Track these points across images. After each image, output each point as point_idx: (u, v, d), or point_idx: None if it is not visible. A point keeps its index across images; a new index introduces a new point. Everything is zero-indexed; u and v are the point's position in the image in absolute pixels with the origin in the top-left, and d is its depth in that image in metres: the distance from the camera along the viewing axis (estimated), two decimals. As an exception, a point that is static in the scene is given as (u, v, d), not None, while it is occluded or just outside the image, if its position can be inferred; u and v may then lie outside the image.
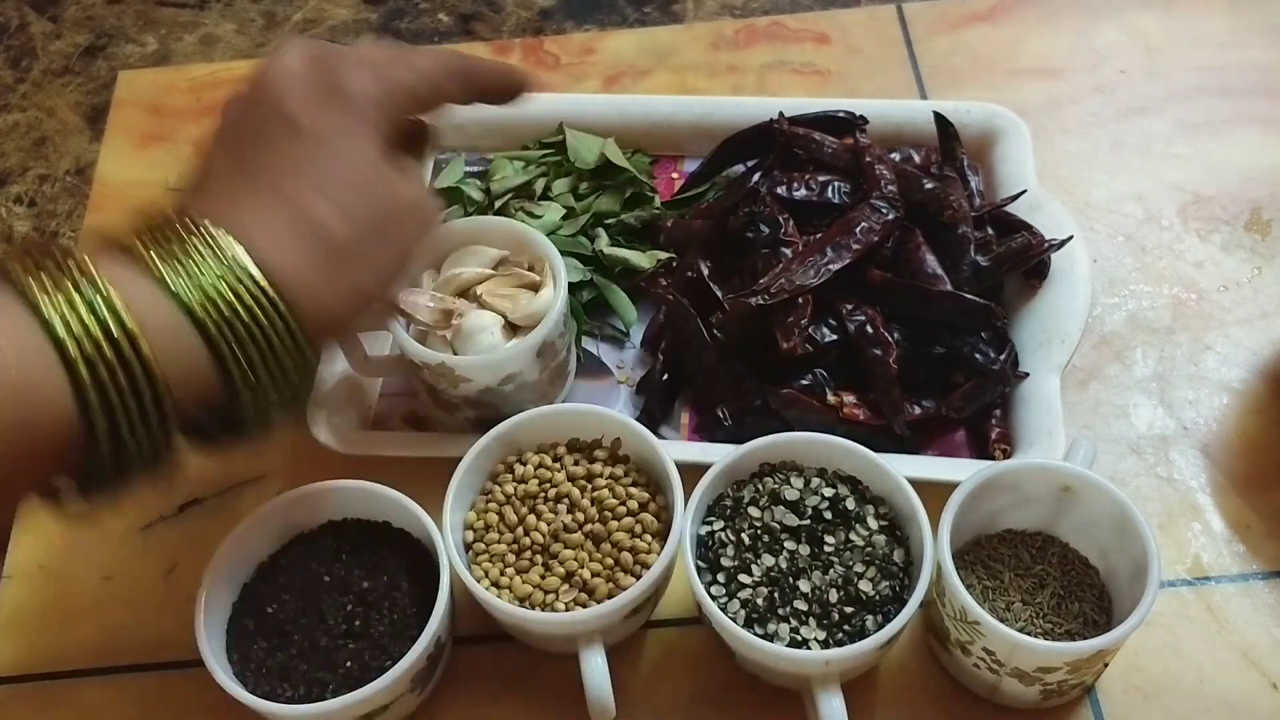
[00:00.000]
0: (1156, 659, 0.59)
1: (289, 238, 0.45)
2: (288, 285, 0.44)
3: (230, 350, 0.43)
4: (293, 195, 0.46)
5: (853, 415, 0.62)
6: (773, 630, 0.53)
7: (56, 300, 0.40)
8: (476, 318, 0.61)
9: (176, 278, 0.43)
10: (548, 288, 0.62)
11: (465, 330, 0.61)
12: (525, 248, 0.64)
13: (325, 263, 0.46)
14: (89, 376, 0.40)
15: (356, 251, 0.47)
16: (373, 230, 0.48)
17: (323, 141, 0.48)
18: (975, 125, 0.74)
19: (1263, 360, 0.69)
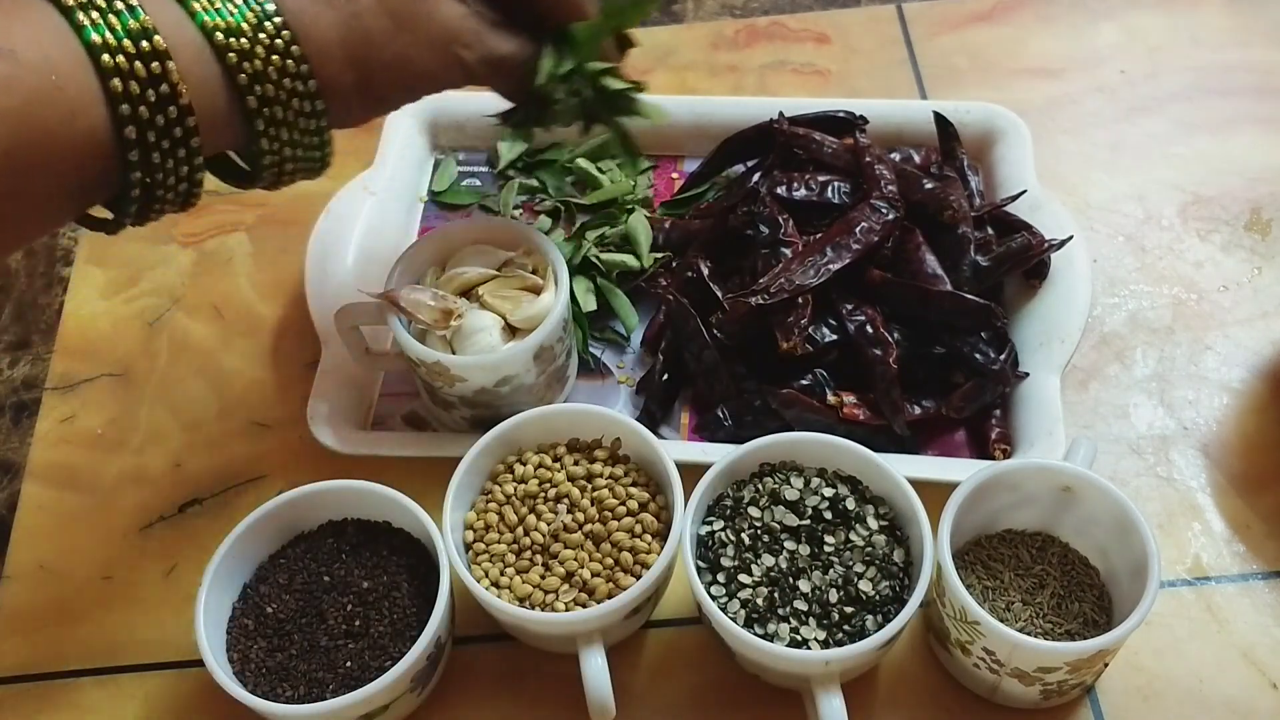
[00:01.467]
0: (1156, 659, 0.59)
1: (331, 15, 0.48)
2: (307, 40, 0.47)
3: (249, 85, 0.46)
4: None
5: (853, 415, 0.62)
6: (773, 630, 0.53)
7: (90, 12, 0.43)
8: (476, 318, 0.61)
9: (200, 4, 0.45)
10: (549, 291, 0.62)
11: (464, 330, 0.61)
12: (530, 251, 0.64)
13: (346, 35, 0.48)
14: (121, 88, 0.42)
15: (378, 43, 0.49)
16: (399, 31, 0.50)
17: None
18: (975, 125, 0.74)
19: (1263, 360, 0.69)
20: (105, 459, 0.68)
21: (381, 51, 0.50)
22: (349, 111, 0.51)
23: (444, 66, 0.52)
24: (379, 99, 0.52)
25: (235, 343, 0.73)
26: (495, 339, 0.61)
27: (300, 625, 0.56)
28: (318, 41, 0.48)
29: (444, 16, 0.52)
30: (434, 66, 0.52)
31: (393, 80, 0.51)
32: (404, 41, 0.50)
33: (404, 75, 0.51)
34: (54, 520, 0.66)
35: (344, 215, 0.73)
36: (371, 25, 0.49)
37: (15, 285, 0.77)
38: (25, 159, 0.41)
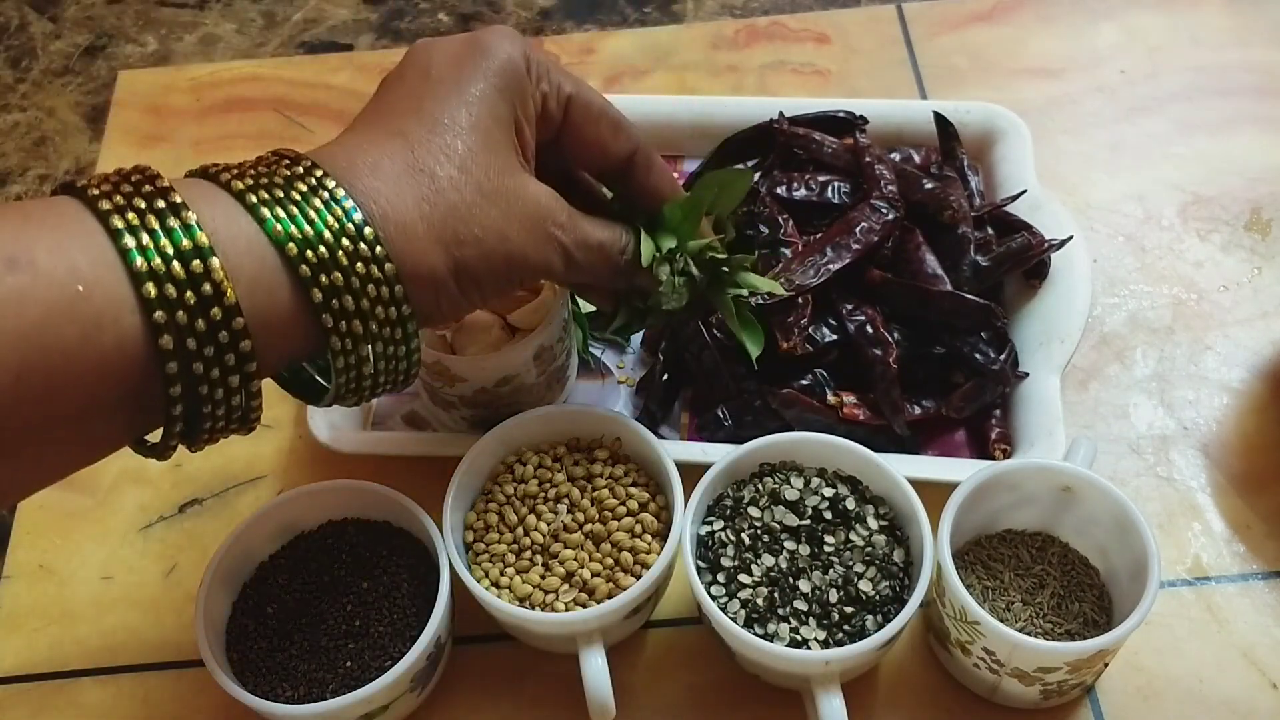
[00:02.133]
0: (1156, 659, 0.59)
1: (397, 180, 0.43)
2: (384, 222, 0.42)
3: (325, 301, 0.41)
4: (412, 140, 0.44)
5: (853, 415, 0.62)
6: (773, 630, 0.53)
7: (140, 235, 0.38)
8: (476, 318, 0.61)
9: (269, 209, 0.40)
10: (548, 291, 0.62)
11: (464, 330, 0.61)
12: None
13: (430, 213, 0.43)
14: (156, 293, 0.37)
15: (467, 218, 0.45)
16: (489, 206, 0.45)
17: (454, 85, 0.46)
18: (975, 125, 0.74)
19: (1263, 360, 0.69)
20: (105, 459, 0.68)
21: (471, 227, 0.44)
22: (440, 299, 0.45)
23: (540, 246, 0.47)
24: (475, 284, 0.45)
25: (235, 343, 0.72)
26: (494, 339, 0.61)
27: (300, 625, 0.56)
28: (396, 222, 0.42)
29: (534, 193, 0.47)
30: (529, 246, 0.47)
31: (488, 261, 0.45)
32: (494, 216, 0.45)
33: (501, 255, 0.46)
34: (54, 520, 0.66)
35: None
36: (457, 201, 0.44)
37: (15, 285, 0.77)
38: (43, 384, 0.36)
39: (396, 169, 0.43)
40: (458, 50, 0.48)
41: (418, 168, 0.44)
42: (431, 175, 0.44)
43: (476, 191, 0.45)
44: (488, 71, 0.47)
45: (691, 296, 0.54)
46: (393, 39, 0.89)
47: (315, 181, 0.42)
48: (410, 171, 0.44)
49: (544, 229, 0.47)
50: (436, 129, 0.45)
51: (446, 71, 0.47)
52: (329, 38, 0.89)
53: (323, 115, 0.83)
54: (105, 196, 0.38)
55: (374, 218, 0.42)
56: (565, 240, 0.48)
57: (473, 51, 0.47)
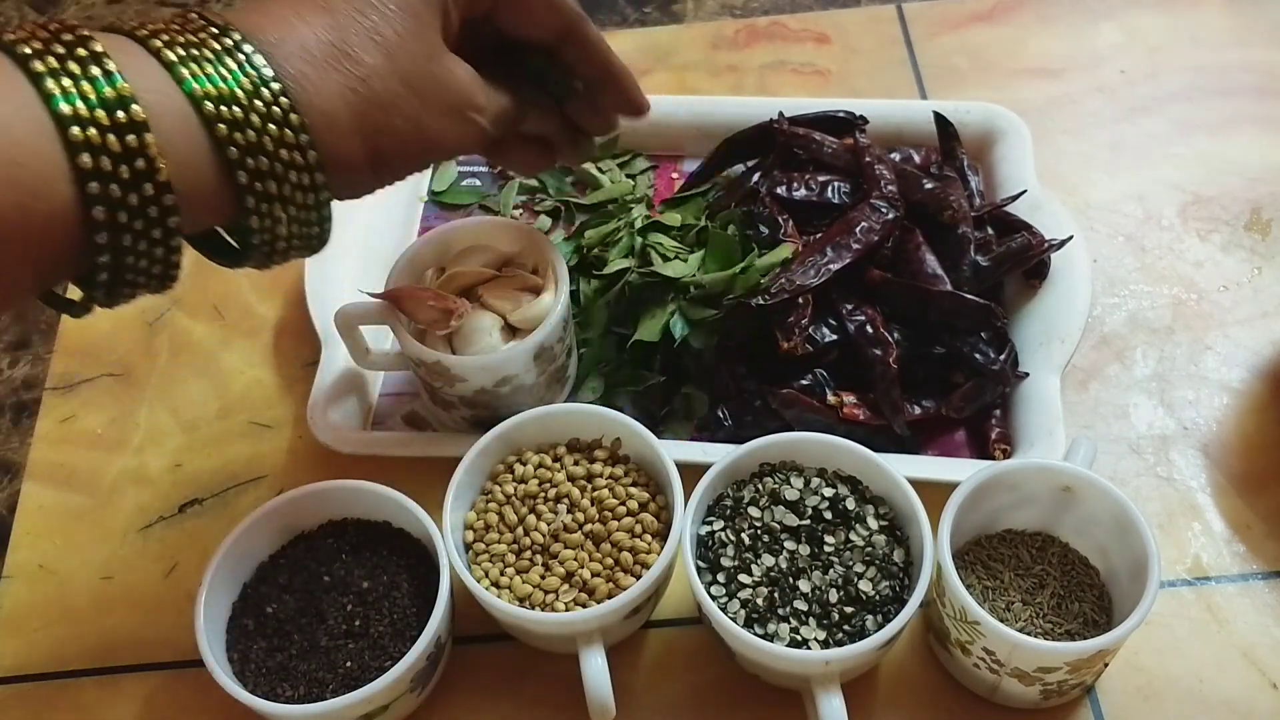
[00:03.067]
0: (1156, 659, 0.59)
1: (323, 63, 0.43)
2: (309, 108, 0.43)
3: (240, 159, 0.41)
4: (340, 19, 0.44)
5: (853, 415, 0.62)
6: (773, 630, 0.53)
7: (61, 79, 0.38)
8: (476, 318, 0.61)
9: (189, 71, 0.40)
10: (549, 292, 0.62)
11: (465, 330, 0.61)
12: (531, 250, 0.64)
13: (354, 101, 0.44)
14: (91, 164, 0.38)
15: (388, 108, 0.45)
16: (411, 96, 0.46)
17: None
18: (975, 125, 0.74)
19: (1263, 360, 0.69)
20: (105, 459, 0.68)
21: (392, 118, 0.45)
22: (355, 183, 0.47)
23: (460, 132, 0.49)
24: (389, 168, 0.47)
25: (235, 343, 0.73)
26: (495, 339, 0.61)
27: (300, 625, 0.56)
28: (321, 109, 0.43)
29: (459, 80, 0.48)
30: (450, 133, 0.48)
31: (405, 149, 0.47)
32: (415, 105, 0.46)
33: (417, 143, 0.47)
34: (54, 520, 0.66)
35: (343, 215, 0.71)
36: (381, 90, 0.45)
37: (15, 285, 0.77)
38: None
39: (323, 51, 0.44)
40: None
41: (344, 52, 0.44)
42: (358, 62, 0.44)
43: (400, 81, 0.46)
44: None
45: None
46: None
47: (232, 44, 0.42)
48: (337, 56, 0.44)
49: (462, 114, 0.49)
50: (365, 9, 0.45)
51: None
52: (329, 38, 0.89)
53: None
54: (24, 42, 0.39)
55: (298, 103, 0.42)
56: (482, 121, 0.50)
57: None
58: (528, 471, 0.59)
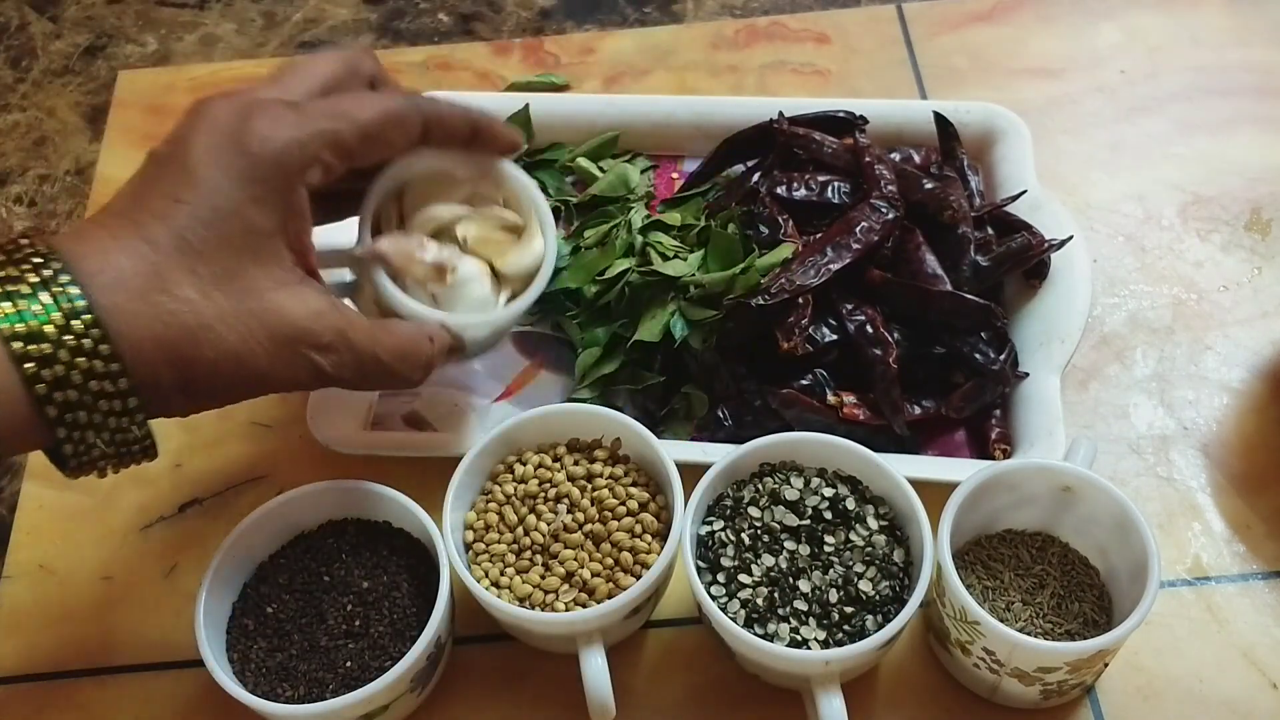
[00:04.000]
0: (1156, 659, 0.59)
1: (138, 295, 0.44)
2: (119, 338, 0.43)
3: (48, 393, 0.42)
4: (160, 252, 0.45)
5: (853, 415, 0.62)
6: (773, 630, 0.53)
7: None
8: (465, 267, 0.55)
9: (2, 309, 0.42)
10: (534, 235, 0.57)
11: (452, 289, 0.55)
12: (500, 181, 0.58)
13: (164, 334, 0.44)
14: None
15: (200, 343, 0.45)
16: (228, 332, 0.46)
17: (208, 193, 0.46)
18: (975, 125, 0.74)
19: (1263, 360, 0.68)
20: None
21: (204, 352, 0.45)
22: (169, 409, 0.47)
23: (287, 367, 0.48)
24: (206, 397, 0.47)
25: (235, 343, 0.72)
26: (486, 290, 0.56)
27: (300, 625, 0.56)
28: (131, 338, 0.43)
29: (290, 315, 0.47)
30: (274, 366, 0.47)
31: (221, 383, 0.46)
32: (232, 340, 0.46)
33: (237, 378, 0.47)
34: (54, 520, 0.66)
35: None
36: (194, 325, 0.45)
37: (15, 285, 0.77)
38: None
39: (140, 282, 0.44)
40: (221, 141, 0.47)
41: (160, 287, 0.44)
42: (171, 296, 0.45)
43: (216, 317, 0.45)
44: (247, 177, 0.46)
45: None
46: (393, 39, 0.89)
47: (51, 274, 0.43)
48: (152, 289, 0.44)
49: (295, 350, 0.47)
50: (184, 248, 0.45)
51: (204, 171, 0.46)
52: (329, 38, 0.89)
53: (323, 115, 0.83)
54: None
55: (110, 333, 0.43)
56: (324, 363, 0.48)
57: (234, 147, 0.46)
58: (528, 471, 0.59)
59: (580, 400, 0.66)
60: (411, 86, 0.82)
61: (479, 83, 0.84)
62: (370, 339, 0.50)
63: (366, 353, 0.50)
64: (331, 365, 0.49)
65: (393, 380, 0.52)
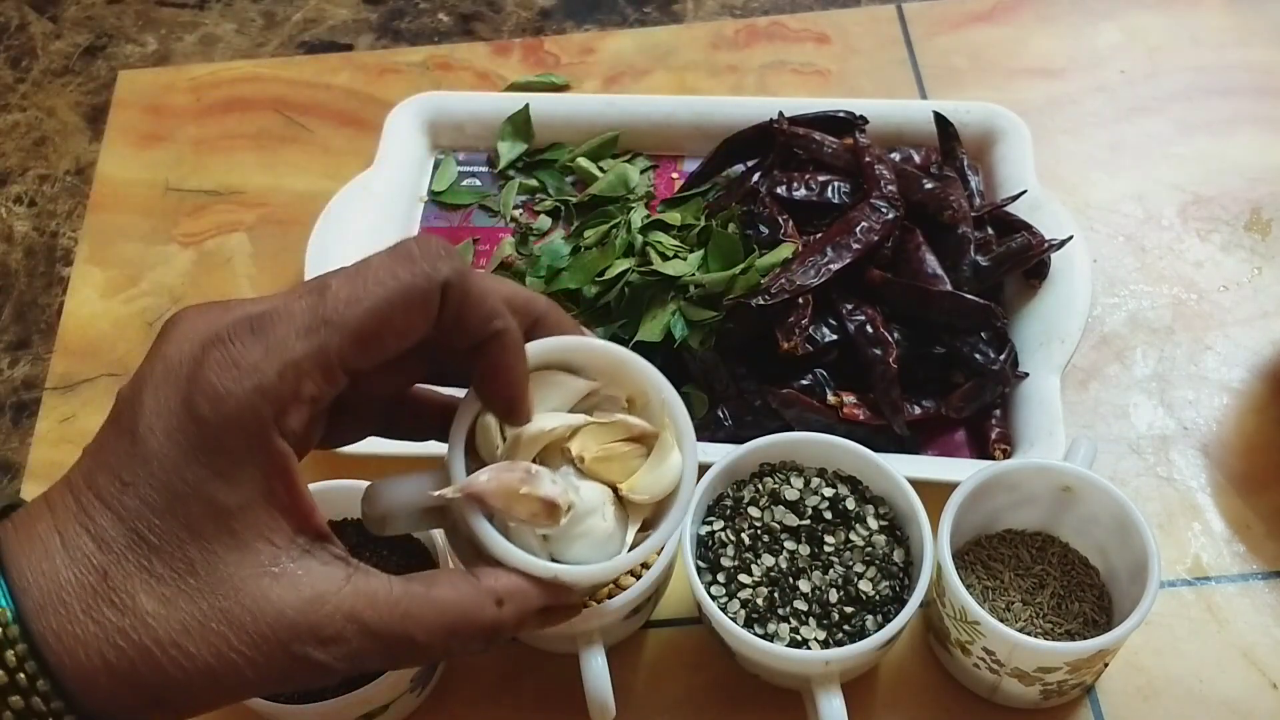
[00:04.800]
0: (1156, 659, 0.59)
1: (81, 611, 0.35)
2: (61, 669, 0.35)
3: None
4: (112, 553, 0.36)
5: (853, 415, 0.62)
6: (773, 630, 0.53)
7: None
8: (585, 496, 0.42)
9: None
10: (673, 450, 0.43)
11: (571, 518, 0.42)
12: (624, 379, 0.44)
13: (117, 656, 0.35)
14: None
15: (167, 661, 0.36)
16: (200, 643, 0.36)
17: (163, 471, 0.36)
18: (975, 125, 0.74)
19: (1263, 360, 0.69)
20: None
21: (172, 672, 0.36)
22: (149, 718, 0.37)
23: (282, 673, 0.37)
24: (187, 711, 0.37)
25: (235, 343, 0.72)
26: (610, 524, 0.42)
27: (300, 625, 0.56)
28: (75, 671, 0.35)
29: (277, 607, 0.37)
30: (265, 677, 0.37)
31: (196, 700, 0.37)
32: (204, 653, 0.36)
33: (213, 694, 0.37)
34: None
35: (344, 215, 0.72)
36: (150, 642, 0.35)
37: (15, 285, 0.77)
38: None
39: (84, 599, 0.35)
40: (169, 398, 0.36)
41: (109, 599, 0.36)
42: (123, 610, 0.36)
43: (180, 630, 0.36)
44: (199, 448, 0.36)
45: None
46: (393, 39, 0.89)
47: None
48: (99, 602, 0.36)
49: (288, 651, 0.37)
50: (136, 544, 0.36)
51: (152, 442, 0.36)
52: (329, 38, 0.89)
53: (322, 115, 0.83)
54: None
55: (49, 665, 0.35)
56: (332, 660, 0.37)
57: (182, 407, 0.36)
58: (528, 472, 0.58)
59: None
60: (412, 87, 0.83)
61: (479, 83, 0.84)
62: (401, 616, 0.39)
63: (395, 635, 0.39)
64: (342, 661, 0.38)
65: (442, 657, 0.43)
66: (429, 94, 0.79)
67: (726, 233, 0.66)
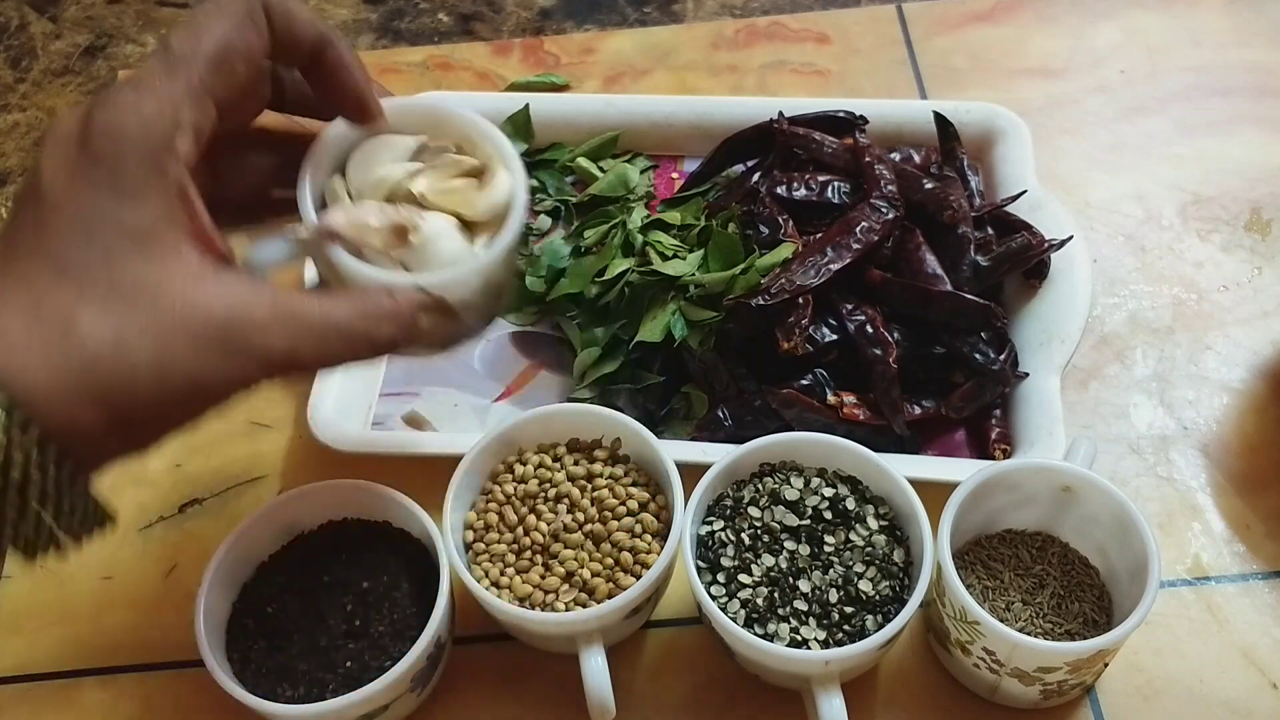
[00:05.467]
0: (1156, 659, 0.59)
1: (32, 341, 0.38)
2: (27, 400, 0.37)
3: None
4: (39, 285, 0.39)
5: (853, 415, 0.62)
6: (773, 630, 0.53)
7: None
8: (430, 223, 0.50)
9: None
10: (500, 171, 0.51)
11: (420, 247, 0.49)
12: (446, 128, 0.52)
13: (73, 373, 0.38)
14: None
15: (115, 364, 0.39)
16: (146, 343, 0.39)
17: (74, 211, 0.40)
18: (975, 125, 0.74)
19: (1263, 360, 0.69)
20: (105, 459, 0.68)
21: (120, 372, 0.39)
22: (101, 454, 0.41)
23: (227, 365, 0.41)
24: (140, 430, 0.41)
25: (235, 343, 0.72)
26: (459, 242, 0.50)
27: (300, 625, 0.56)
28: (36, 392, 0.38)
29: (207, 303, 0.40)
30: (210, 369, 0.41)
31: (147, 407, 0.40)
32: (148, 351, 0.39)
33: (165, 391, 0.40)
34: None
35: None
36: (95, 347, 0.38)
37: (15, 285, 0.77)
38: None
39: (23, 325, 0.39)
40: (69, 154, 0.41)
41: (46, 320, 0.39)
42: (63, 327, 0.39)
43: (120, 333, 0.39)
44: (105, 179, 0.40)
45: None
46: (393, 39, 0.89)
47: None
48: (39, 326, 0.39)
49: (229, 341, 0.41)
50: (63, 274, 0.39)
51: (60, 191, 0.40)
52: (329, 38, 0.89)
53: (323, 115, 0.83)
54: None
55: (16, 398, 0.37)
56: (271, 342, 0.42)
57: (82, 154, 0.40)
58: (528, 471, 0.59)
59: (580, 400, 0.66)
60: (412, 87, 0.83)
61: (479, 83, 0.84)
62: (317, 307, 0.44)
63: (317, 322, 0.43)
64: (277, 345, 0.42)
65: (365, 345, 0.45)
66: (429, 94, 0.79)
67: (726, 233, 0.66)
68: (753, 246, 0.66)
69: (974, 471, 0.56)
